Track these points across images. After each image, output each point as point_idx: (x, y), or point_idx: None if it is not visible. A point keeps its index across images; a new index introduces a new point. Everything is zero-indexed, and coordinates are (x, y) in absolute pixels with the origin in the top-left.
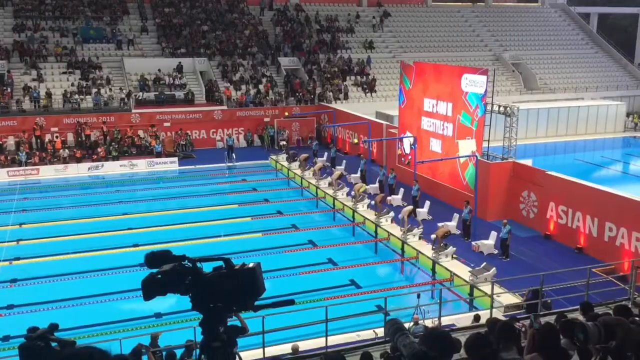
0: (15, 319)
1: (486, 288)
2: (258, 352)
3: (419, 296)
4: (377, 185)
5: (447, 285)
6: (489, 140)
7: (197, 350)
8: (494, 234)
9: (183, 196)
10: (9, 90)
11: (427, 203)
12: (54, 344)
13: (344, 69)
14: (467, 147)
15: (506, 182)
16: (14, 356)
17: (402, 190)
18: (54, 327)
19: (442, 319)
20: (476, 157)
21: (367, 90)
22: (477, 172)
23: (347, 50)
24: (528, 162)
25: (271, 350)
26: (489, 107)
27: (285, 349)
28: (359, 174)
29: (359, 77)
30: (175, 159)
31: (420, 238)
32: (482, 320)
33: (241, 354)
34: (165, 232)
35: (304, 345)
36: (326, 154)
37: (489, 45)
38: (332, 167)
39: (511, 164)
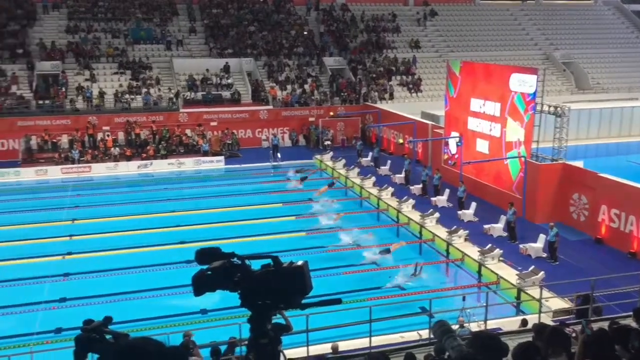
0: (67, 312)
1: (534, 292)
2: (301, 351)
3: (464, 299)
4: (420, 185)
5: (493, 288)
6: (538, 141)
7: (242, 348)
8: (542, 236)
9: (229, 195)
10: (63, 90)
11: (473, 204)
12: (108, 336)
13: (389, 68)
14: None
15: (556, 184)
16: (65, 348)
17: (447, 191)
18: (108, 320)
19: (487, 322)
20: (524, 158)
21: (412, 90)
22: (525, 173)
23: (393, 49)
24: (579, 163)
25: (315, 349)
26: (538, 108)
27: (329, 348)
28: (403, 174)
29: (404, 77)
30: (222, 157)
31: (465, 240)
32: (530, 325)
33: (285, 351)
34: (211, 229)
35: (348, 345)
36: (370, 153)
37: (539, 44)
38: (375, 167)
39: (561, 165)
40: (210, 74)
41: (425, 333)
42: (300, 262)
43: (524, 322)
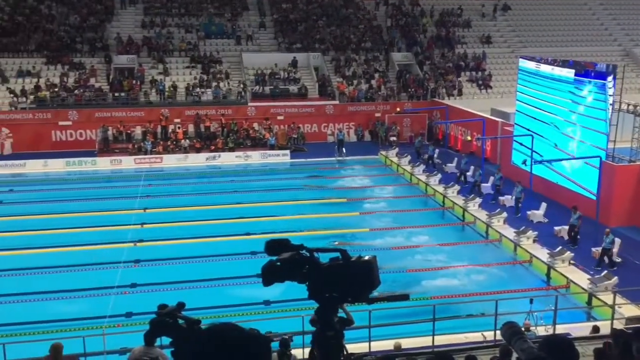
0: (137, 297)
1: (606, 298)
2: (363, 346)
3: (531, 301)
4: (489, 185)
5: (562, 292)
6: (615, 141)
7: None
8: (617, 240)
9: (293, 188)
10: (138, 82)
11: (544, 205)
12: (180, 322)
13: (458, 64)
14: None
15: (634, 186)
16: (135, 331)
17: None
18: (181, 306)
19: (556, 326)
20: (600, 158)
21: (482, 87)
22: (600, 174)
23: (463, 45)
24: None
25: (377, 345)
26: (616, 106)
27: (389, 344)
28: (457, 172)
29: (474, 73)
30: (287, 151)
31: (534, 241)
32: (602, 332)
33: (346, 346)
34: (275, 222)
35: (410, 343)
36: (436, 150)
37: (618, 39)
38: (432, 164)
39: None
40: (278, 69)
41: (489, 335)
42: (368, 257)
43: (596, 329)
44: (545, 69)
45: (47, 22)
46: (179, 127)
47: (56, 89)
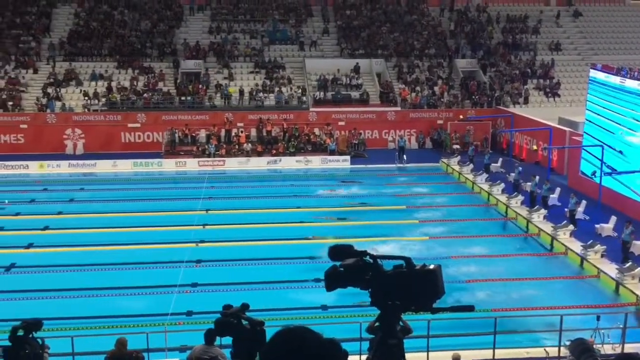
0: (198, 296)
1: None
2: (420, 356)
3: (598, 318)
4: (555, 196)
5: (632, 310)
6: None
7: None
8: None
9: (352, 195)
10: (204, 87)
11: (613, 219)
12: (244, 322)
13: (525, 71)
14: None
15: None
16: (195, 330)
17: (584, 202)
18: (245, 307)
19: (625, 345)
20: None
21: (550, 95)
22: None
23: (530, 51)
24: None
25: (435, 356)
26: None
27: (448, 356)
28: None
29: (541, 81)
30: (348, 157)
31: (602, 256)
32: None
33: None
34: (333, 228)
35: (470, 355)
36: (487, 159)
37: None
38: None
39: None
40: (340, 74)
41: (553, 351)
42: (433, 266)
43: None
44: (616, 80)
45: (119, 27)
46: (241, 131)
47: (126, 92)
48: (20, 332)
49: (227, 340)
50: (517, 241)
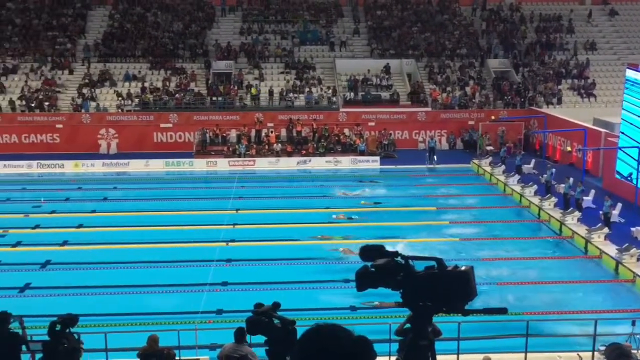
0: (228, 295)
1: None
2: (451, 358)
3: (633, 323)
4: (590, 198)
5: None
6: None
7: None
8: None
9: (381, 195)
10: (235, 87)
11: None
12: (275, 321)
13: (559, 71)
14: None
15: None
16: (225, 329)
17: (619, 205)
18: (277, 306)
19: None
20: None
21: (584, 95)
22: None
23: (565, 51)
24: None
25: (464, 359)
26: None
27: (478, 358)
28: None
29: (575, 81)
30: (377, 158)
31: (638, 259)
32: None
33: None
34: (361, 228)
35: (500, 359)
36: (519, 160)
37: None
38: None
39: None
40: (370, 75)
41: (586, 356)
42: (465, 267)
43: None
44: None
45: (152, 29)
46: (271, 131)
47: (159, 93)
48: (58, 327)
49: (256, 339)
50: (549, 244)
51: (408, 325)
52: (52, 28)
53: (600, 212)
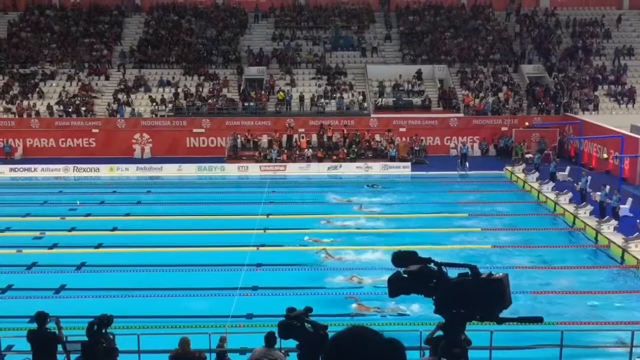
0: (258, 300)
1: None
2: None
3: None
4: (627, 206)
5: None
6: None
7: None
8: None
9: (413, 202)
10: (266, 93)
11: None
12: (307, 326)
13: (595, 77)
14: None
15: None
16: (256, 333)
17: None
18: (309, 310)
19: None
20: None
21: (622, 101)
22: None
23: (602, 56)
24: None
25: None
26: None
27: None
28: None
29: (613, 87)
30: (408, 164)
31: None
32: None
33: None
34: (393, 234)
35: None
36: (553, 167)
37: None
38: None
39: None
40: (402, 80)
41: None
42: (500, 275)
43: None
44: None
45: (186, 35)
46: (303, 137)
47: (192, 98)
48: (95, 328)
49: (286, 343)
50: (585, 252)
51: (439, 332)
52: (89, 35)
53: (638, 220)
